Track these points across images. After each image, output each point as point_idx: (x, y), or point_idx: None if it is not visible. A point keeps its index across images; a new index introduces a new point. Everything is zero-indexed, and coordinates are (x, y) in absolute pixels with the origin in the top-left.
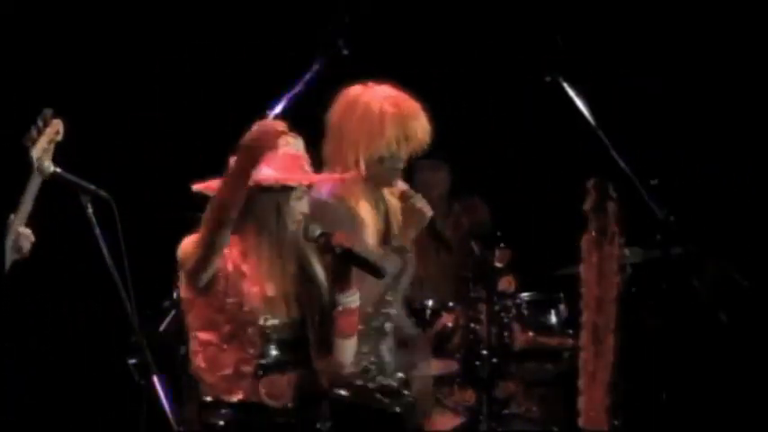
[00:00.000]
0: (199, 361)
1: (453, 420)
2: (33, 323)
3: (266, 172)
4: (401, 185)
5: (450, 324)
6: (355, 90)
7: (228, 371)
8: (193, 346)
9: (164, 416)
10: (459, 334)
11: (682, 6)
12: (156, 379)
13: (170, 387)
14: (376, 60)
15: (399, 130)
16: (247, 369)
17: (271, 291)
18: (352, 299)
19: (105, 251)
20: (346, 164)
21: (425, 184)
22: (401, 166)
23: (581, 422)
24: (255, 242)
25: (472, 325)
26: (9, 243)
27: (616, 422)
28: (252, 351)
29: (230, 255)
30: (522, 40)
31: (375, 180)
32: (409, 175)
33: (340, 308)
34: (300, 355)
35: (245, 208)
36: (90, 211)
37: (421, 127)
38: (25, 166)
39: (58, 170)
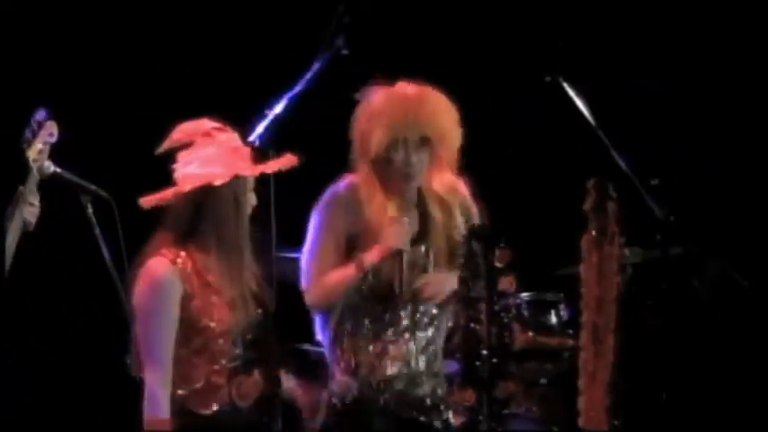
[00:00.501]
0: (176, 382)
1: (453, 420)
2: (33, 323)
3: (213, 169)
4: (440, 190)
5: (450, 324)
6: (376, 90)
7: (200, 384)
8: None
9: None
10: (460, 334)
11: (682, 6)
12: None
13: None
14: (376, 60)
15: (389, 130)
16: (220, 381)
17: (232, 293)
18: None
19: (105, 251)
20: (353, 165)
21: None
22: (409, 169)
23: (581, 422)
24: (216, 242)
25: (472, 325)
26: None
27: (616, 422)
28: (223, 362)
29: (193, 268)
30: (522, 40)
31: (385, 182)
32: None
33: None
34: (264, 354)
35: (198, 212)
36: (90, 211)
37: (436, 128)
38: (23, 168)
39: (59, 170)
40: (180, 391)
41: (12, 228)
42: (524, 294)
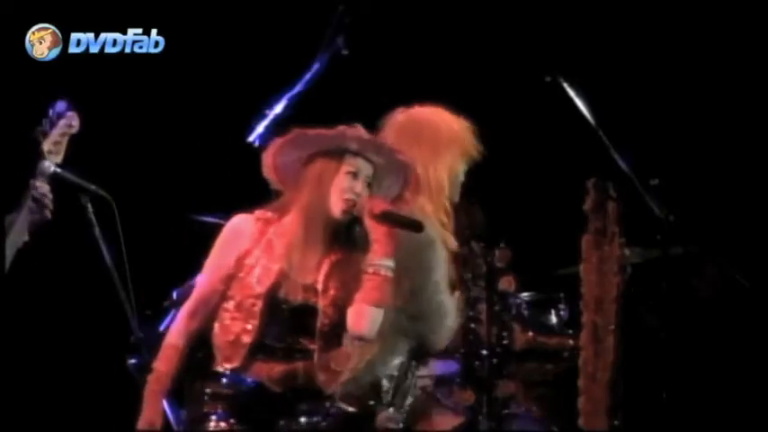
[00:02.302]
0: (215, 327)
1: (453, 420)
2: (33, 323)
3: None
4: None
5: None
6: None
7: (231, 337)
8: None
9: (164, 416)
10: (459, 334)
11: (682, 6)
12: None
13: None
14: (376, 60)
15: (469, 148)
16: (246, 340)
17: (287, 268)
18: (388, 264)
19: (105, 251)
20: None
21: None
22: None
23: (581, 422)
24: (297, 211)
25: (472, 325)
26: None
27: (616, 422)
28: (253, 322)
29: (265, 229)
30: (522, 40)
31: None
32: None
33: (371, 270)
34: (303, 345)
35: (299, 175)
36: (90, 211)
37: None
38: (33, 159)
39: (59, 170)
40: (217, 342)
41: (17, 223)
42: (524, 294)
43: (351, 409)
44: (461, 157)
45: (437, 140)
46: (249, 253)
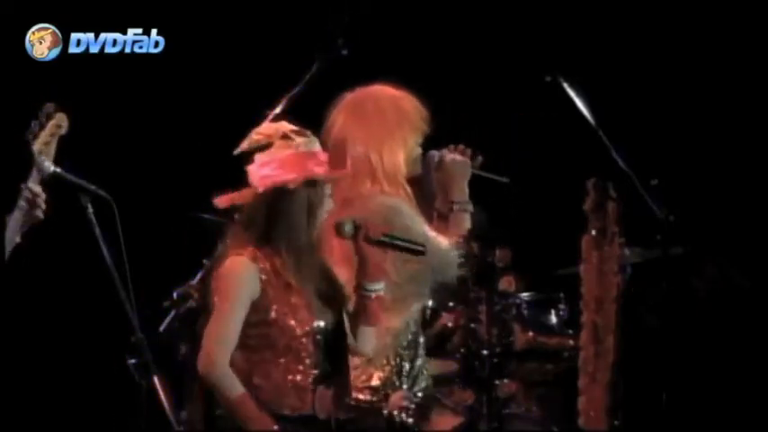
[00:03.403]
0: (256, 380)
1: (453, 420)
2: (33, 323)
3: (288, 172)
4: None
5: (450, 324)
6: (357, 94)
7: (282, 382)
8: (243, 364)
9: (164, 416)
10: (460, 334)
11: (682, 6)
12: (156, 379)
13: (170, 387)
14: (376, 60)
15: (418, 123)
16: (303, 382)
17: (309, 295)
18: (381, 287)
19: (105, 251)
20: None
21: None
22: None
23: (581, 422)
24: (287, 245)
25: (472, 325)
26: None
27: (616, 422)
28: (308, 362)
29: (272, 269)
30: (522, 40)
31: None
32: None
33: (372, 295)
34: (337, 365)
35: (272, 214)
36: (90, 211)
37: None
38: (25, 163)
39: (59, 170)
40: (265, 395)
41: (9, 224)
42: (524, 294)
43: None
44: (413, 134)
45: (385, 121)
46: (265, 296)
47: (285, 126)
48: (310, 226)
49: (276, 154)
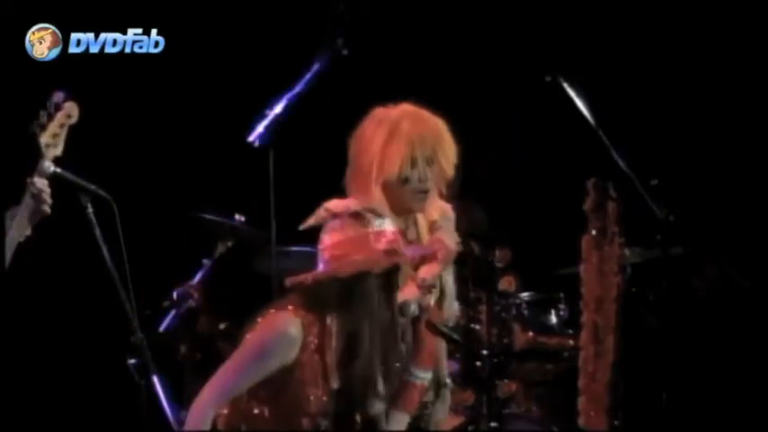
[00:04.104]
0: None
1: (453, 420)
2: (34, 323)
3: (367, 257)
4: (434, 212)
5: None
6: (375, 112)
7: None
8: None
9: (164, 416)
10: (460, 334)
11: (682, 6)
12: (156, 379)
13: (170, 387)
14: (376, 60)
15: (409, 147)
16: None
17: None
18: (428, 376)
19: (105, 251)
20: (361, 188)
21: None
22: (425, 185)
23: (581, 422)
24: (371, 329)
25: (472, 325)
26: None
27: (616, 422)
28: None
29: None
30: (522, 40)
31: (397, 204)
32: None
33: (418, 382)
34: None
35: (349, 293)
36: (90, 211)
37: (442, 146)
38: (32, 155)
39: (59, 170)
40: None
41: (18, 218)
42: (524, 294)
43: None
44: (404, 150)
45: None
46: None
47: (354, 203)
48: (381, 311)
49: (348, 232)
